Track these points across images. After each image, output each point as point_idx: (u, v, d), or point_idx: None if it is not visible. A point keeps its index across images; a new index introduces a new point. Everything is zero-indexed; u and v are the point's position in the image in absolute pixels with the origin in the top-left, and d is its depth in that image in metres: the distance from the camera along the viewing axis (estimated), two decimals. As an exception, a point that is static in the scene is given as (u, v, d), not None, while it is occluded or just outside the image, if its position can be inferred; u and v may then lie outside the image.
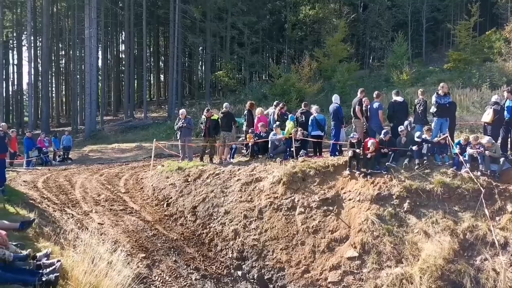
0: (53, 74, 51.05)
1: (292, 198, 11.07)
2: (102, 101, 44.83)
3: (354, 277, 9.25)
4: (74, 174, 15.45)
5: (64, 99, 55.73)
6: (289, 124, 12.99)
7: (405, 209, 9.78)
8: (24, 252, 5.11)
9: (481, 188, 9.28)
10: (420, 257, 8.82)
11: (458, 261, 8.57)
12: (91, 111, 33.71)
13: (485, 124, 10.83)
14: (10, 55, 50.51)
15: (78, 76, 42.17)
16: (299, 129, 12.66)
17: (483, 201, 9.08)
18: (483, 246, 8.66)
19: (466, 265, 8.48)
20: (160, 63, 55.90)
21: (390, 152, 10.85)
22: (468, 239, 8.87)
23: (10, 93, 49.97)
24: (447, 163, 10.44)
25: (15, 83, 49.69)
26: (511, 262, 8.25)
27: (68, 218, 9.85)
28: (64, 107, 55.59)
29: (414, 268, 8.68)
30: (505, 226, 8.77)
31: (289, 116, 13.11)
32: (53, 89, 52.51)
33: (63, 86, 54.55)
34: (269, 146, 12.91)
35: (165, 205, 12.39)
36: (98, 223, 10.21)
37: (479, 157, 9.80)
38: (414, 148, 10.56)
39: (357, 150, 11.04)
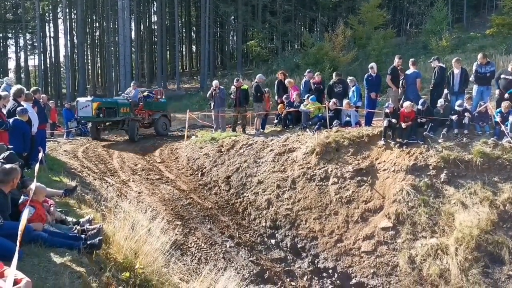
0: (89, 46, 52.00)
1: (326, 168, 11.02)
2: (136, 73, 45.49)
3: (387, 247, 9.23)
4: (112, 144, 15.92)
5: (99, 71, 56.86)
6: (312, 106, 12.71)
7: (442, 179, 9.56)
8: (69, 218, 5.37)
9: (524, 159, 8.93)
10: (456, 228, 8.67)
11: (496, 233, 8.37)
12: (126, 82, 34.25)
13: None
14: (47, 28, 51.62)
15: (112, 48, 42.79)
16: (333, 100, 12.46)
17: (525, 172, 8.75)
18: (523, 218, 8.40)
19: (505, 236, 8.27)
20: (192, 33, 55.83)
21: (427, 122, 10.55)
22: (508, 210, 8.61)
23: (48, 65, 51.35)
24: (487, 132, 10.06)
25: (53, 55, 50.92)
26: (553, 235, 7.98)
27: (108, 187, 10.23)
28: (100, 79, 56.79)
29: (450, 238, 8.56)
30: (548, 198, 8.45)
31: (310, 97, 12.77)
32: (89, 61, 53.58)
33: (98, 58, 55.51)
34: (302, 116, 12.81)
35: (199, 175, 12.63)
36: (136, 192, 10.56)
37: (522, 126, 9.38)
38: (454, 117, 10.21)
39: (393, 120, 10.79)
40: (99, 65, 56.16)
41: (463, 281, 8.07)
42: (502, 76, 10.54)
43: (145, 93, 18.34)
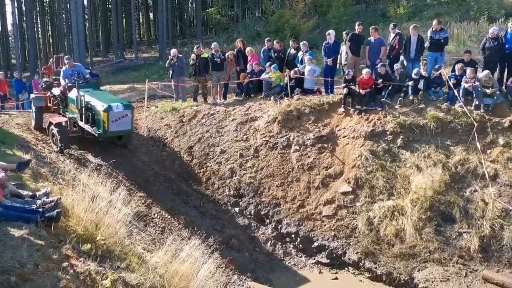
0: (38, 14, 49.04)
1: (287, 136, 11.15)
2: (90, 42, 43.51)
3: (347, 210, 9.57)
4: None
5: (51, 40, 53.99)
6: (273, 74, 12.62)
7: (398, 144, 9.92)
8: (24, 192, 5.19)
9: (474, 122, 9.37)
10: (411, 190, 9.08)
11: (448, 193, 8.85)
12: (80, 52, 32.76)
13: (483, 57, 10.64)
14: (-9, -6, 48.06)
15: (63, 15, 40.59)
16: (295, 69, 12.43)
17: (475, 134, 9.20)
18: (473, 178, 8.90)
19: (456, 196, 8.76)
20: (149, 0, 53.68)
21: (385, 88, 10.80)
22: (459, 172, 9.09)
23: (-5, 34, 48.15)
24: (441, 97, 10.44)
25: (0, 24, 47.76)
26: (499, 193, 8.52)
27: (65, 160, 9.91)
28: (52, 48, 53.99)
29: (406, 200, 8.98)
30: (496, 159, 8.97)
31: (273, 66, 12.66)
32: (39, 29, 50.69)
33: (49, 26, 52.61)
34: (263, 85, 12.76)
35: (161, 146, 12.46)
36: (96, 164, 10.29)
37: (473, 91, 9.77)
38: (410, 83, 10.49)
39: (352, 87, 10.97)
40: (50, 33, 53.27)
41: (417, 240, 8.54)
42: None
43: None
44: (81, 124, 10.70)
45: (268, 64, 12.85)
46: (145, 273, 4.42)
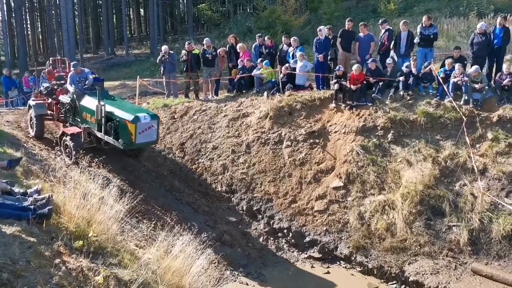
0: (27, 10, 48.44)
1: (279, 132, 11.19)
2: (81, 38, 43.05)
3: (339, 205, 9.65)
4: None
5: (40, 36, 53.37)
6: (265, 70, 12.60)
7: (389, 139, 10.01)
8: (16, 190, 5.17)
9: (463, 117, 9.47)
10: (401, 184, 9.18)
11: (438, 187, 8.96)
12: (70, 48, 32.47)
13: (472, 52, 10.74)
14: (-21, -10, 47.38)
15: (53, 12, 40.14)
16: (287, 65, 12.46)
17: (465, 129, 9.31)
18: (462, 173, 9.01)
19: (446, 190, 8.87)
20: (139, -4, 53.26)
21: (375, 84, 10.87)
22: (449, 166, 9.20)
23: (-17, 31, 47.52)
24: (431, 93, 10.54)
25: (-13, 20, 47.08)
26: (488, 187, 8.64)
27: (56, 157, 9.86)
28: (41, 45, 53.41)
29: (396, 194, 9.07)
30: (485, 153, 9.08)
31: (264, 62, 12.68)
32: (28, 26, 50.11)
33: (39, 23, 51.98)
34: (255, 81, 12.77)
35: (152, 142, 12.41)
36: (88, 161, 10.24)
37: (463, 86, 9.88)
38: (401, 79, 10.57)
39: (343, 83, 11.03)
40: (39, 30, 52.67)
41: (407, 233, 8.65)
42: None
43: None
44: (99, 135, 9.93)
45: (259, 60, 12.86)
46: (137, 269, 4.43)
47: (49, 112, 11.42)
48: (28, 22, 50.04)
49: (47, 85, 11.75)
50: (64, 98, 11.03)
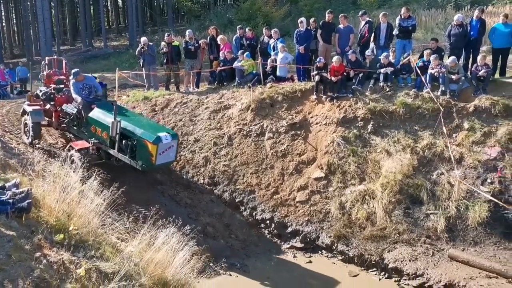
0: (1, 2, 47.11)
1: (261, 124, 11.23)
2: (57, 30, 42.11)
3: (320, 195, 9.77)
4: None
5: (15, 28, 51.97)
6: (246, 62, 12.56)
7: (369, 130, 10.15)
8: (-8, 184, 5.06)
9: (440, 107, 9.67)
10: (381, 174, 9.34)
11: (417, 176, 9.15)
12: (46, 40, 31.75)
13: (449, 44, 10.94)
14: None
15: (28, 3, 39.08)
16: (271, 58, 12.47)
17: (442, 119, 9.50)
18: (440, 162, 9.22)
19: (424, 179, 9.07)
20: (117, -14, 52.29)
21: (355, 76, 10.98)
22: (427, 155, 9.39)
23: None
24: (409, 84, 10.71)
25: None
26: (465, 175, 8.86)
27: (34, 151, 9.68)
28: (16, 37, 52.02)
29: (376, 184, 9.23)
30: (461, 143, 9.30)
31: (245, 54, 12.65)
32: (3, 17, 48.71)
33: (13, 14, 50.57)
34: (236, 73, 12.75)
35: (133, 135, 12.29)
36: (66, 156, 10.09)
37: (440, 78, 10.07)
38: (383, 70, 10.70)
39: (324, 74, 11.10)
40: (14, 21, 51.25)
41: (387, 222, 8.83)
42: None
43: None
44: (112, 152, 9.31)
45: (240, 52, 12.82)
46: (119, 262, 4.42)
47: (46, 118, 10.70)
48: (3, 13, 48.66)
49: (45, 90, 10.92)
50: (69, 108, 10.31)
